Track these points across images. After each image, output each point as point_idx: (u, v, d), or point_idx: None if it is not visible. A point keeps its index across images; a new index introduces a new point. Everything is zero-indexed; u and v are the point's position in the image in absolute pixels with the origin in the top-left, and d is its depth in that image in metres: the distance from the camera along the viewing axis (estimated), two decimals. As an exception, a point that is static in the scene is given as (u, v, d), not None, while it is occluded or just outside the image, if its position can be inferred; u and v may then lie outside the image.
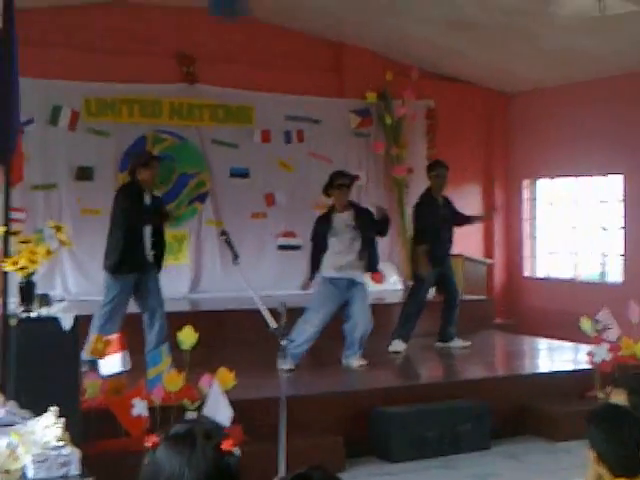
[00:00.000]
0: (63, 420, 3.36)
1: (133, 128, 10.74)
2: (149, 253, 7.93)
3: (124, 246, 7.73)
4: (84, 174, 10.46)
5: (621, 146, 11.28)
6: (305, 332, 8.12)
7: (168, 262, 10.94)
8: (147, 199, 8.00)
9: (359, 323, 8.29)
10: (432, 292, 9.94)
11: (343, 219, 8.40)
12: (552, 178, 12.76)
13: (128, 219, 7.74)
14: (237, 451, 2.06)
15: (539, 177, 12.97)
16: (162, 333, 7.94)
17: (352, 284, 8.32)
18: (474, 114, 12.83)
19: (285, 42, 11.53)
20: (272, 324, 5.70)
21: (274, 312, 5.98)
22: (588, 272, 12.35)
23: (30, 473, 3.18)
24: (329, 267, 8.31)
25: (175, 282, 10.97)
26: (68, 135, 10.40)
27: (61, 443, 3.27)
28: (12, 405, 3.94)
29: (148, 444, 2.05)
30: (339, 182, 8.41)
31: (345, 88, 12.01)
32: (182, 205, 11.06)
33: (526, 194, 13.14)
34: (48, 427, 3.38)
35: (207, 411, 6.13)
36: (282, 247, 11.65)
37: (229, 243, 6.30)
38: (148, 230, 7.90)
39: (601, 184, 12.04)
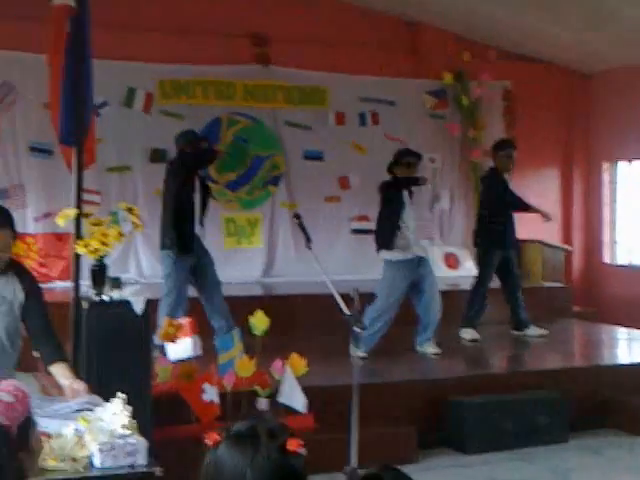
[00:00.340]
0: (131, 408, 3.28)
1: (207, 110, 10.69)
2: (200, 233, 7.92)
3: (179, 225, 7.74)
4: (158, 156, 10.41)
5: None
6: (377, 320, 7.96)
7: (241, 245, 11.00)
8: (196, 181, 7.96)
9: (433, 298, 8.10)
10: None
11: (407, 196, 8.22)
12: (633, 160, 12.34)
13: (179, 201, 7.80)
14: (303, 451, 1.93)
15: (620, 160, 12.56)
16: (228, 317, 7.89)
17: (420, 261, 8.12)
18: (553, 95, 12.46)
19: (360, 22, 11.34)
20: (346, 310, 5.58)
21: (347, 297, 5.87)
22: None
23: (97, 461, 3.11)
24: (395, 249, 8.08)
25: (248, 266, 10.94)
26: (142, 117, 10.40)
27: (128, 432, 3.19)
28: (94, 398, 3.84)
29: (209, 442, 1.95)
30: (407, 160, 8.21)
31: (421, 69, 11.76)
32: (256, 188, 11.01)
33: (606, 177, 12.75)
34: (116, 414, 3.31)
35: (282, 398, 6.06)
36: (356, 231, 11.50)
37: (302, 226, 6.19)
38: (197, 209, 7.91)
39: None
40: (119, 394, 3.40)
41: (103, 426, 3.19)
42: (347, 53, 11.10)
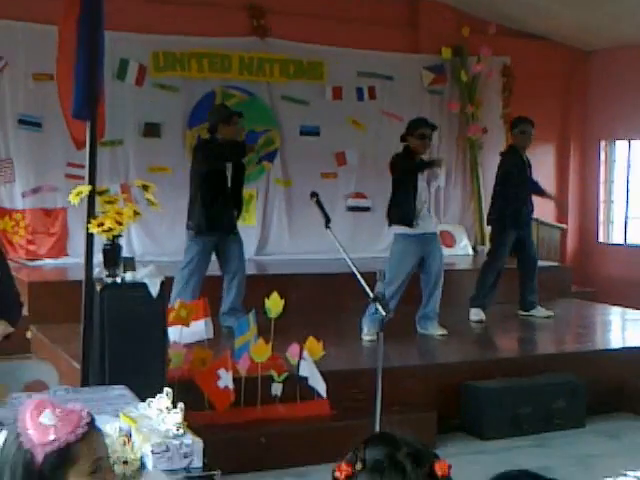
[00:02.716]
0: (182, 405, 3.03)
1: (201, 83, 10.33)
2: (230, 213, 7.67)
3: (205, 206, 7.48)
4: (151, 131, 10.08)
5: None
6: (390, 299, 7.66)
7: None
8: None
9: (439, 277, 7.88)
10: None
11: None
12: (631, 140, 12.20)
13: (208, 180, 7.51)
14: (451, 474, 1.68)
15: (618, 138, 12.41)
16: (238, 298, 7.72)
17: (429, 237, 7.86)
18: (552, 72, 12.24)
19: (359, -5, 11.07)
20: (370, 293, 5.36)
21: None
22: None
23: (149, 464, 2.86)
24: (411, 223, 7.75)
25: (242, 243, 10.67)
26: (135, 90, 10.00)
27: (181, 431, 2.94)
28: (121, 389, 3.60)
29: (339, 476, 1.67)
30: (421, 131, 7.90)
31: (419, 43, 11.48)
32: (251, 164, 10.70)
33: (603, 156, 12.60)
34: (163, 412, 3.05)
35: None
36: (351, 208, 11.26)
37: (320, 205, 5.92)
38: (227, 189, 7.67)
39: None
40: (166, 389, 3.16)
41: (153, 425, 2.94)
42: (345, 27, 10.80)
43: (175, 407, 3.06)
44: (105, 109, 5.53)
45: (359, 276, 5.41)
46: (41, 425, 2.02)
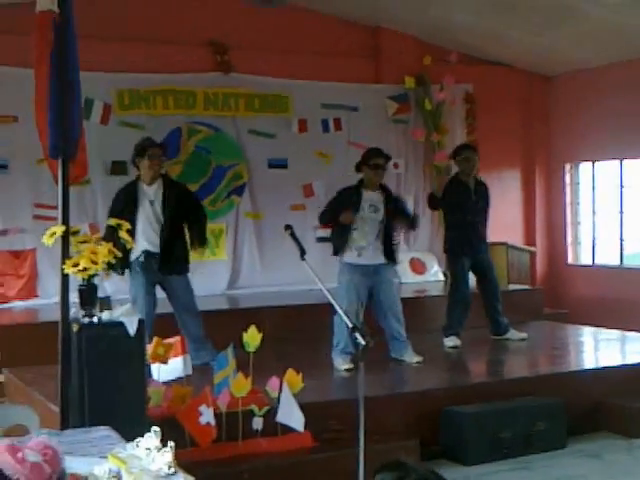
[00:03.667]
0: (173, 444, 2.99)
1: (167, 120, 10.36)
2: (151, 249, 7.46)
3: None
4: (118, 169, 10.05)
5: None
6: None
7: (205, 258, 10.62)
8: (150, 193, 7.51)
9: (391, 308, 7.77)
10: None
11: (370, 198, 7.89)
12: (595, 162, 12.36)
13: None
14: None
15: (581, 161, 12.57)
16: (200, 341, 7.58)
17: (376, 269, 7.79)
18: (514, 98, 12.46)
19: (320, 27, 11.18)
20: (349, 322, 5.35)
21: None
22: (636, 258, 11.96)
23: (141, 505, 2.82)
24: (348, 251, 7.72)
25: (213, 278, 10.61)
26: (101, 129, 10.00)
27: (173, 470, 2.91)
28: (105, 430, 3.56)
29: None
30: (374, 162, 7.92)
31: (382, 74, 11.63)
32: (220, 199, 10.70)
33: (568, 178, 12.75)
34: (151, 451, 3.01)
35: (280, 417, 5.80)
36: (320, 239, 11.24)
37: (294, 237, 5.93)
38: (147, 226, 7.45)
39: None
40: (154, 428, 3.12)
41: (144, 465, 2.90)
42: (308, 60, 10.92)
43: (164, 446, 3.02)
44: (85, 148, 5.51)
45: (337, 306, 5.41)
46: (33, 464, 1.99)
